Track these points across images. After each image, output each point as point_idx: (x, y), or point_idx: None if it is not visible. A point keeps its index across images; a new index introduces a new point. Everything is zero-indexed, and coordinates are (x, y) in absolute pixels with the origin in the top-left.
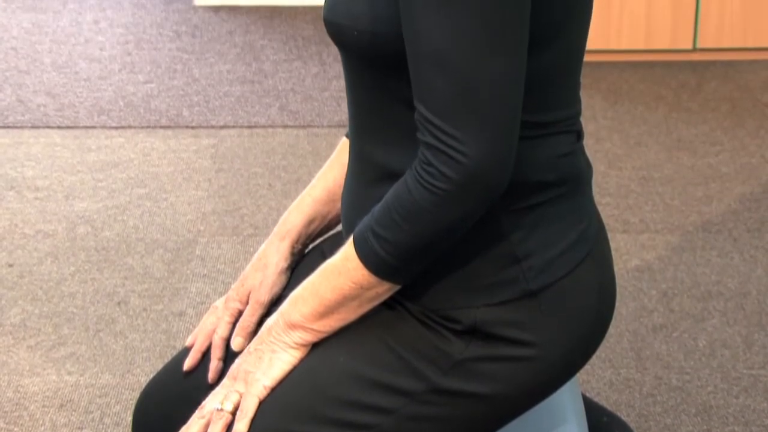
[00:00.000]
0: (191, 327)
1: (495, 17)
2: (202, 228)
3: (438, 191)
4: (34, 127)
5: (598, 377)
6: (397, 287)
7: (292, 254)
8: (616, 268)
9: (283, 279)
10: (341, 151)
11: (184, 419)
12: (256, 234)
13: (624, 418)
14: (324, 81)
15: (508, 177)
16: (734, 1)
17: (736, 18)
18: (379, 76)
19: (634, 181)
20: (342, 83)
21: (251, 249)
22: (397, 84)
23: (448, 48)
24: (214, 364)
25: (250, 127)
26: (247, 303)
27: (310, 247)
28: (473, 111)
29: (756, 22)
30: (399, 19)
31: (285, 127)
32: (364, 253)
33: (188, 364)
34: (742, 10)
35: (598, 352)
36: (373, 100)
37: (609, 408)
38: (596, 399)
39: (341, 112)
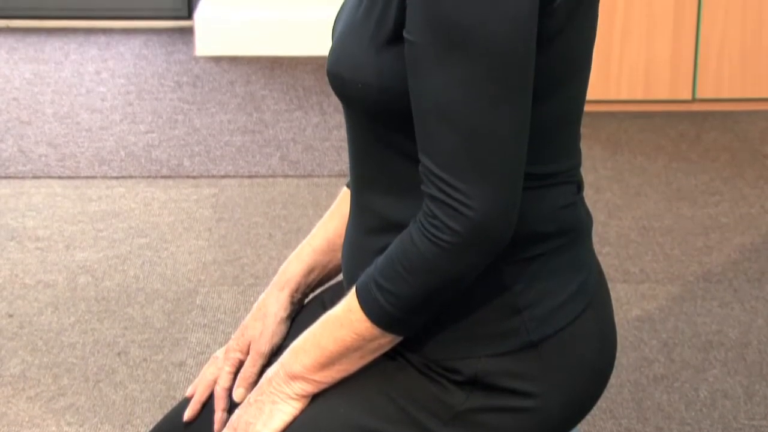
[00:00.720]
0: (191, 377)
1: (500, 71)
2: (202, 278)
3: (443, 244)
4: (35, 177)
5: (599, 428)
6: (399, 339)
7: (292, 304)
8: (616, 318)
9: (283, 329)
10: (342, 201)
11: None
12: (257, 284)
13: None
14: (325, 131)
15: (512, 229)
16: (733, 52)
17: (735, 69)
18: (382, 128)
19: (634, 231)
20: (343, 133)
21: (252, 299)
22: (399, 137)
23: (454, 101)
24: (219, 416)
25: (250, 176)
26: (247, 353)
27: (311, 297)
28: (478, 164)
29: (754, 73)
30: (404, 73)
31: (286, 176)
32: (367, 305)
33: (188, 414)
34: (741, 60)
35: (599, 403)
36: (374, 152)
37: None
38: None
39: (342, 162)
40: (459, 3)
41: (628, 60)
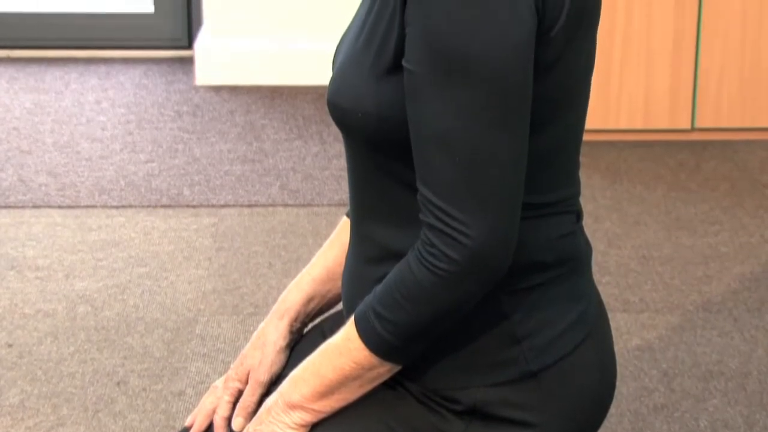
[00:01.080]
0: (191, 407)
1: (498, 99)
2: (202, 307)
3: (441, 272)
4: (35, 206)
5: None
6: (398, 368)
7: (291, 333)
8: (616, 348)
9: (282, 358)
10: (341, 230)
11: None
12: (256, 313)
13: None
14: (324, 160)
15: (510, 258)
16: (732, 82)
17: (734, 98)
18: (382, 158)
19: (634, 261)
20: (342, 162)
21: (251, 328)
22: (399, 166)
23: (452, 130)
24: None
25: (250, 206)
26: (246, 382)
27: (310, 326)
28: (476, 193)
29: (753, 103)
30: (404, 102)
31: (285, 206)
32: (365, 334)
33: None
34: (740, 90)
35: None
36: (374, 181)
37: None
38: None
39: (342, 191)
40: (457, 32)
41: (627, 89)
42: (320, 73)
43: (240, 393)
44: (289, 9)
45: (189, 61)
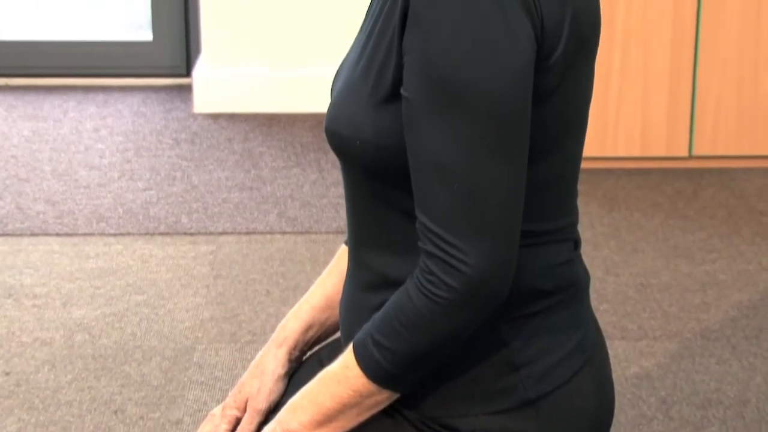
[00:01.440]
0: None
1: (496, 128)
2: (199, 335)
3: (439, 300)
4: (33, 234)
5: None
6: (396, 395)
7: (290, 361)
8: (614, 376)
9: (281, 386)
10: (340, 257)
11: None
12: (254, 341)
13: None
14: (322, 188)
15: (508, 286)
16: (729, 110)
17: (731, 126)
18: (380, 185)
19: (632, 288)
20: (340, 190)
21: (249, 356)
22: (397, 194)
23: (450, 158)
24: None
25: (248, 233)
26: (244, 410)
27: (308, 354)
28: (474, 221)
29: (750, 131)
30: (402, 130)
31: (283, 233)
32: (364, 361)
33: None
34: (737, 118)
35: None
36: (372, 209)
37: None
38: None
39: (340, 218)
40: (455, 61)
41: (625, 117)
42: (318, 101)
43: (238, 421)
44: (287, 37)
45: (187, 89)
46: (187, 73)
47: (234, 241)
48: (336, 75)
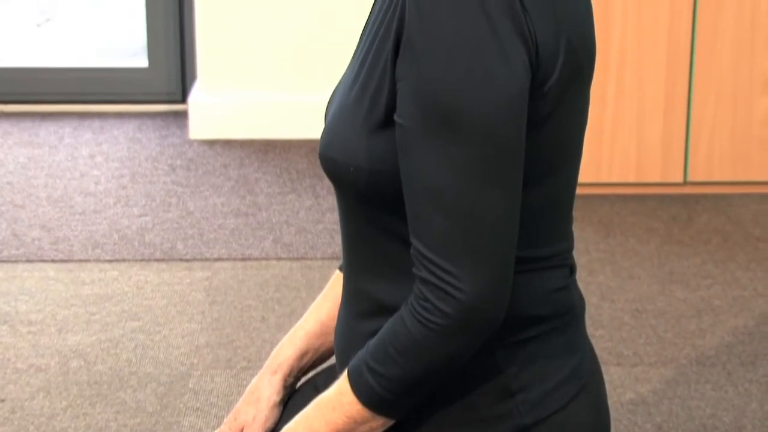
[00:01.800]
0: None
1: (491, 154)
2: (195, 361)
3: (434, 326)
4: (28, 260)
5: None
6: (391, 422)
7: (285, 388)
8: (610, 401)
9: (276, 413)
10: (334, 283)
11: None
12: (250, 367)
13: None
14: (318, 214)
15: (503, 312)
16: (723, 136)
17: (726, 152)
18: (374, 211)
19: (627, 314)
20: (335, 216)
21: (245, 382)
22: (392, 220)
23: (445, 184)
24: None
25: (243, 259)
26: None
27: (303, 380)
28: (469, 247)
29: (745, 156)
30: (396, 156)
31: (279, 259)
32: (358, 388)
33: None
34: (732, 144)
35: None
36: (367, 235)
37: None
38: None
39: (335, 244)
40: (449, 87)
41: (620, 143)
42: (313, 127)
43: None
44: (282, 63)
45: (183, 115)
46: (183, 99)
47: (229, 267)
48: (330, 100)
